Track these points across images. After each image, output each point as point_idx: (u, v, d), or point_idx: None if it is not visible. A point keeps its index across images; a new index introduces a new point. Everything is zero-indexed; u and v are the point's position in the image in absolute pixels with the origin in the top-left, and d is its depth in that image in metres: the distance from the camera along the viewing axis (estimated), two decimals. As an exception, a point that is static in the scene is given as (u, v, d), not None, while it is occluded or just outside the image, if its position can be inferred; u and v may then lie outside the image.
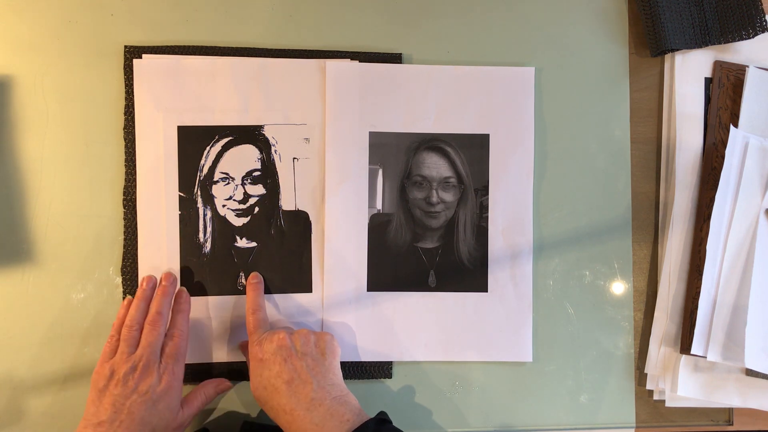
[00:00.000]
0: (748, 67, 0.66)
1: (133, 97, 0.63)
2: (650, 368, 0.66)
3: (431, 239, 0.66)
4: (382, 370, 0.65)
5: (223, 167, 0.64)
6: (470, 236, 0.66)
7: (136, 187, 0.63)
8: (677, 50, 0.67)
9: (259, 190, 0.65)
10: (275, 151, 0.65)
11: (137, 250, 0.63)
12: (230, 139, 0.64)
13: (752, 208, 0.64)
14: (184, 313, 0.60)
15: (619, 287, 0.67)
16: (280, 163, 0.65)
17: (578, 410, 0.66)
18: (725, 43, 0.66)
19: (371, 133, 0.65)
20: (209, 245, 0.64)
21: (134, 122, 0.63)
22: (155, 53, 0.64)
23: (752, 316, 0.61)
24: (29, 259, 0.62)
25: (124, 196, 0.63)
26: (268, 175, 0.65)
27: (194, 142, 0.64)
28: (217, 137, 0.64)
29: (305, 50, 0.65)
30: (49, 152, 0.63)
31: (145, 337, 0.57)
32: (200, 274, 0.64)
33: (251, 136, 0.64)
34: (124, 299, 0.61)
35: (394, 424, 0.56)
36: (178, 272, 0.63)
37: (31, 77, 0.63)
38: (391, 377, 0.65)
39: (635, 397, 0.67)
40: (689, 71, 0.67)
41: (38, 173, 0.63)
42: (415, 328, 0.65)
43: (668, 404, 0.66)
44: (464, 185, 0.66)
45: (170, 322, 0.60)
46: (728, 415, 0.68)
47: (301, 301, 0.64)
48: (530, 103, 0.66)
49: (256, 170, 0.64)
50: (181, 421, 0.57)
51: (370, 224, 0.65)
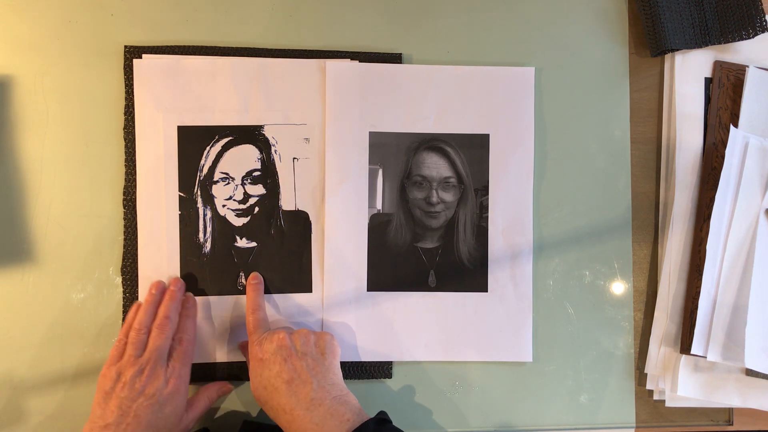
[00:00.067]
0: (748, 67, 0.66)
1: (133, 97, 0.63)
2: (650, 368, 0.66)
3: (431, 239, 0.66)
4: (382, 370, 0.65)
5: (223, 167, 0.64)
6: (470, 236, 0.66)
7: (136, 187, 0.63)
8: (677, 50, 0.67)
9: (259, 190, 0.65)
10: (275, 151, 0.65)
11: (137, 250, 0.63)
12: (230, 139, 0.64)
13: (752, 208, 0.64)
14: (191, 318, 0.61)
15: (619, 287, 0.67)
16: (280, 163, 0.65)
17: (578, 410, 0.66)
18: (725, 43, 0.66)
19: (371, 133, 0.65)
20: (209, 245, 0.64)
21: (134, 122, 0.63)
22: (155, 53, 0.64)
23: (752, 316, 0.61)
24: (29, 259, 0.62)
25: (124, 196, 0.63)
26: (268, 175, 0.65)
27: (194, 142, 0.64)
28: (217, 137, 0.64)
29: (305, 50, 0.65)
30: (49, 152, 0.63)
31: (152, 340, 0.57)
32: (200, 274, 0.64)
33: (251, 136, 0.64)
34: (134, 304, 0.61)
35: (394, 423, 0.56)
36: (177, 272, 0.63)
37: (31, 77, 0.63)
38: (391, 377, 0.65)
39: (635, 397, 0.67)
40: (689, 71, 0.67)
41: (38, 173, 0.63)
42: (415, 328, 0.65)
43: (668, 404, 0.66)
44: (464, 185, 0.66)
45: (178, 326, 0.60)
46: (728, 415, 0.68)
47: (301, 301, 0.64)
48: (530, 103, 0.66)
49: (256, 170, 0.64)
50: (185, 424, 0.57)
51: (370, 224, 0.65)
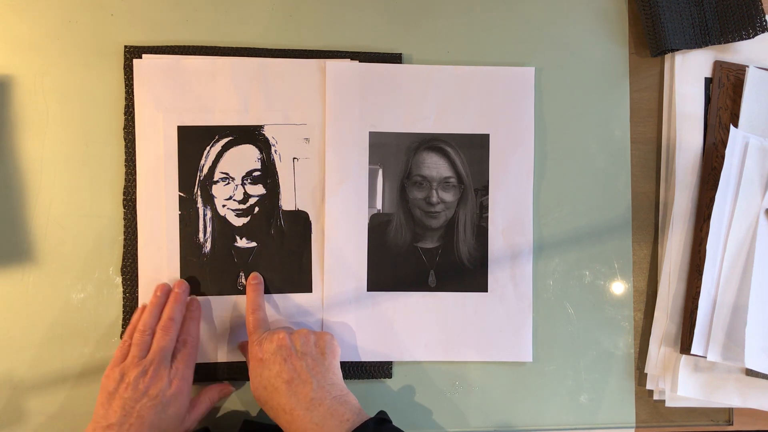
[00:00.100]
0: (748, 67, 0.66)
1: (133, 97, 0.63)
2: (650, 368, 0.66)
3: (431, 239, 0.66)
4: (382, 370, 0.65)
5: (223, 167, 0.64)
6: (470, 236, 0.66)
7: (136, 187, 0.63)
8: (677, 50, 0.67)
9: (259, 190, 0.65)
10: (275, 151, 0.64)
11: (137, 250, 0.63)
12: (230, 139, 0.64)
13: (752, 208, 0.64)
14: (195, 320, 0.61)
15: (619, 287, 0.67)
16: (280, 163, 0.65)
17: (578, 410, 0.66)
18: (725, 43, 0.66)
19: (371, 133, 0.65)
20: (209, 245, 0.64)
21: (134, 122, 0.63)
22: (155, 53, 0.64)
23: (752, 316, 0.61)
24: (29, 259, 0.62)
25: (124, 196, 0.63)
26: (268, 175, 0.65)
27: (194, 142, 0.64)
28: (217, 137, 0.64)
29: (305, 50, 0.65)
30: (49, 152, 0.63)
31: (156, 341, 0.57)
32: (200, 274, 0.64)
33: (251, 136, 0.64)
34: (139, 306, 0.62)
35: (394, 423, 0.56)
36: (177, 272, 0.63)
37: (31, 77, 0.63)
38: (391, 377, 0.65)
39: (635, 397, 0.67)
40: (689, 71, 0.67)
41: (38, 173, 0.63)
42: (415, 328, 0.65)
43: (668, 404, 0.66)
44: (464, 185, 0.66)
45: (182, 328, 0.60)
46: (728, 415, 0.68)
47: (301, 301, 0.64)
48: (530, 103, 0.66)
49: (256, 170, 0.64)
50: (187, 425, 0.57)
51: (370, 224, 0.65)
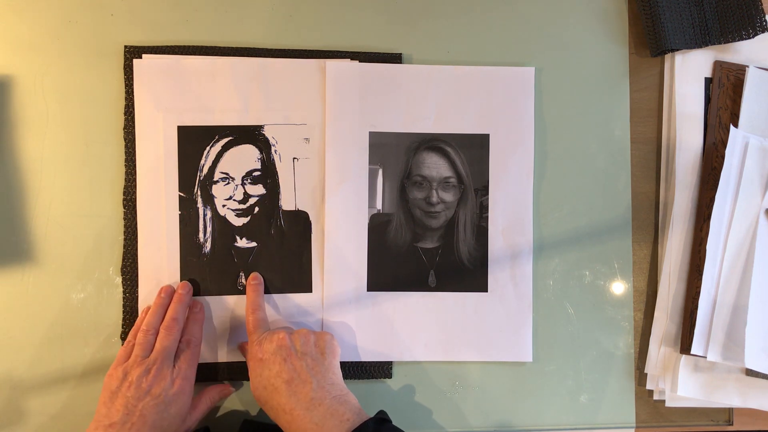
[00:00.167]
0: (748, 67, 0.66)
1: (133, 97, 0.63)
2: (650, 368, 0.66)
3: (431, 239, 0.66)
4: (382, 370, 0.65)
5: (223, 167, 0.64)
6: (470, 236, 0.66)
7: (136, 187, 0.63)
8: (677, 50, 0.67)
9: (259, 190, 0.65)
10: (275, 151, 0.64)
11: (137, 250, 0.63)
12: (230, 139, 0.64)
13: (752, 208, 0.64)
14: (198, 322, 0.61)
15: (619, 287, 0.67)
16: (280, 163, 0.65)
17: (578, 410, 0.66)
18: (725, 43, 0.66)
19: (371, 133, 0.65)
20: (209, 245, 0.64)
21: (134, 122, 0.63)
22: (155, 53, 0.64)
23: (752, 316, 0.61)
24: (29, 259, 0.62)
25: (124, 196, 0.63)
26: (268, 175, 0.65)
27: (194, 142, 0.64)
28: (217, 137, 0.64)
29: (305, 50, 0.65)
30: (49, 152, 0.63)
31: (160, 341, 0.57)
32: (200, 274, 0.64)
33: (251, 136, 0.64)
34: (143, 308, 0.62)
35: (394, 423, 0.56)
36: (177, 272, 0.63)
37: (31, 77, 0.63)
38: (391, 377, 0.65)
39: (635, 397, 0.67)
40: (689, 71, 0.67)
41: (38, 173, 0.63)
42: (415, 328, 0.65)
43: (668, 404, 0.66)
44: (464, 185, 0.66)
45: (185, 329, 0.60)
46: (728, 415, 0.68)
47: (301, 301, 0.64)
48: (530, 103, 0.66)
49: (256, 170, 0.64)
50: (188, 424, 0.57)
51: (370, 224, 0.65)
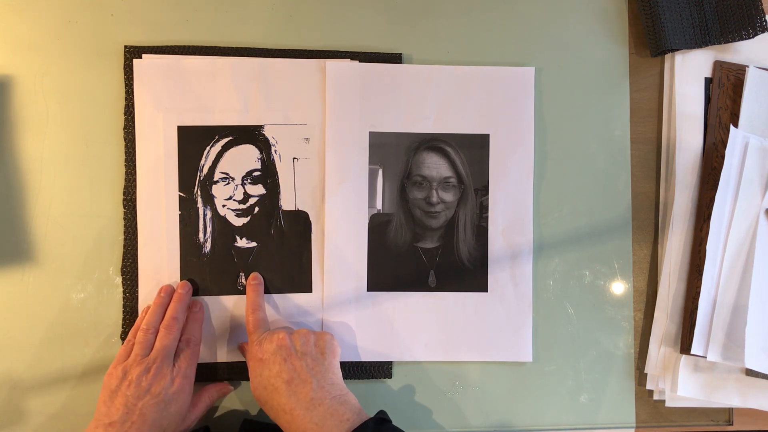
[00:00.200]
0: (748, 67, 0.66)
1: (133, 97, 0.63)
2: (650, 368, 0.66)
3: (431, 239, 0.66)
4: (382, 370, 0.65)
5: (223, 167, 0.64)
6: (470, 236, 0.66)
7: (136, 187, 0.63)
8: (677, 50, 0.67)
9: (259, 190, 0.65)
10: (275, 151, 0.64)
11: (137, 250, 0.63)
12: (230, 139, 0.64)
13: (752, 208, 0.64)
14: (198, 321, 0.61)
15: (619, 287, 0.67)
16: (280, 163, 0.65)
17: (578, 410, 0.66)
18: (725, 43, 0.66)
19: (371, 133, 0.65)
20: (209, 245, 0.64)
21: (134, 122, 0.63)
22: (155, 53, 0.64)
23: (752, 316, 0.61)
24: (29, 259, 0.62)
25: (124, 196, 0.63)
26: (268, 175, 0.65)
27: (194, 142, 0.64)
28: (217, 137, 0.64)
29: (305, 50, 0.65)
30: (49, 152, 0.63)
31: (159, 340, 0.58)
32: (200, 274, 0.64)
33: (251, 136, 0.64)
34: (143, 308, 0.62)
35: (394, 423, 0.56)
36: (177, 272, 0.63)
37: (31, 77, 0.63)
38: (391, 377, 0.65)
39: (635, 397, 0.67)
40: (689, 71, 0.67)
41: (38, 173, 0.63)
42: (415, 328, 0.65)
43: (668, 404, 0.66)
44: (464, 185, 0.66)
45: (185, 328, 0.60)
46: (728, 415, 0.68)
47: (301, 301, 0.64)
48: (530, 103, 0.66)
49: (256, 170, 0.64)
50: (187, 423, 0.58)
51: (370, 224, 0.65)
